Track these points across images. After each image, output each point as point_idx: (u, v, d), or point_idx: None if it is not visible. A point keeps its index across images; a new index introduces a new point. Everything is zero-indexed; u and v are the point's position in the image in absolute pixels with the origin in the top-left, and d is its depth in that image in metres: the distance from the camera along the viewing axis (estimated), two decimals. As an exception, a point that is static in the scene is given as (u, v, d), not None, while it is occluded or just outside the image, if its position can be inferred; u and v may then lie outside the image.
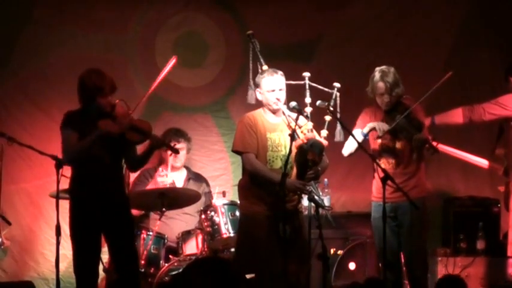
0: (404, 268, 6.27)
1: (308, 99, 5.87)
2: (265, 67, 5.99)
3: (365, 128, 6.21)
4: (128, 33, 7.84)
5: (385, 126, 6.15)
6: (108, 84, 5.72)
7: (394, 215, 6.17)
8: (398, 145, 6.23)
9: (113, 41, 7.80)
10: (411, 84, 6.64)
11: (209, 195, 7.31)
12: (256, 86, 5.88)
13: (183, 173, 7.43)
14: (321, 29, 8.06)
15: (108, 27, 7.78)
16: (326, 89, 5.97)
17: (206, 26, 7.94)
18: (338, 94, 5.95)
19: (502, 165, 7.17)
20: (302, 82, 5.93)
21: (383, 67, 6.29)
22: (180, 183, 7.35)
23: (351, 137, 6.08)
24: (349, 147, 6.25)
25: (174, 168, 7.33)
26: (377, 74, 6.25)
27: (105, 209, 5.74)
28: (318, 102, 5.84)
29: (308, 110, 5.84)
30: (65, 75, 7.64)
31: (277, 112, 5.83)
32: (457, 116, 6.93)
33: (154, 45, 7.89)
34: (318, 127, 5.86)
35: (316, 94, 5.90)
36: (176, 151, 6.06)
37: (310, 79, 5.94)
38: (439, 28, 8.14)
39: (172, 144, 6.52)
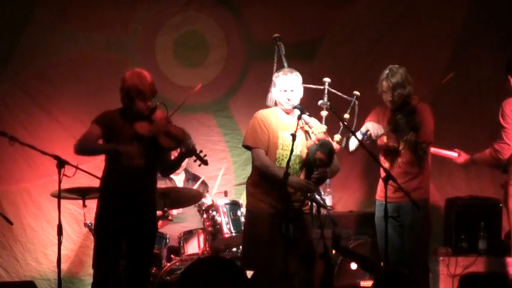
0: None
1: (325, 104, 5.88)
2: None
3: (363, 127, 6.20)
4: (129, 32, 7.84)
5: (380, 130, 6.14)
6: (148, 88, 5.71)
7: (397, 214, 6.16)
8: (401, 145, 6.22)
9: (113, 41, 7.79)
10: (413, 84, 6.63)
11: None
12: (272, 84, 5.86)
13: (182, 175, 7.45)
14: (323, 28, 8.06)
15: (109, 26, 7.78)
16: (345, 96, 5.96)
17: (207, 25, 7.93)
18: (357, 102, 5.94)
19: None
20: (322, 87, 5.93)
21: (394, 66, 6.27)
22: (181, 182, 7.39)
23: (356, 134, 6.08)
24: (351, 144, 6.23)
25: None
26: (385, 72, 6.24)
27: (131, 210, 5.70)
28: (320, 102, 5.84)
29: (324, 113, 5.82)
30: (65, 75, 7.67)
31: (291, 112, 5.82)
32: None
33: (155, 45, 7.89)
34: (333, 132, 5.87)
35: (335, 100, 5.89)
36: (205, 162, 6.00)
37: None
38: (441, 28, 8.13)
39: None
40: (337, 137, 5.82)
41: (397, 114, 6.13)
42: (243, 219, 6.75)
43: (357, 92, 5.97)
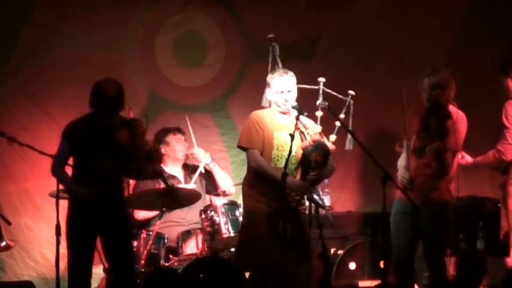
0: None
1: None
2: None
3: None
4: (128, 32, 7.84)
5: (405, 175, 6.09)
6: (123, 97, 5.72)
7: (413, 214, 6.07)
8: (428, 148, 6.12)
9: (112, 41, 7.79)
10: (411, 84, 6.61)
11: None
12: (267, 85, 5.86)
13: (181, 172, 7.42)
14: (321, 28, 8.07)
15: (108, 26, 7.77)
16: (340, 96, 5.96)
17: (206, 25, 7.94)
18: (352, 102, 5.93)
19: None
20: (316, 87, 5.92)
21: (439, 66, 6.20)
22: (181, 177, 7.37)
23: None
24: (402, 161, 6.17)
25: (176, 160, 7.33)
26: (428, 70, 6.13)
27: (103, 210, 5.73)
28: (318, 102, 5.83)
29: (319, 114, 5.82)
30: (65, 75, 7.66)
31: (287, 113, 5.81)
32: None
33: (154, 45, 7.90)
34: (328, 132, 5.85)
35: (330, 100, 5.89)
36: (168, 188, 6.24)
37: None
38: (439, 28, 8.14)
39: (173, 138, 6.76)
40: (333, 137, 5.81)
41: (431, 116, 6.03)
42: (241, 219, 6.75)
43: (352, 92, 5.96)
